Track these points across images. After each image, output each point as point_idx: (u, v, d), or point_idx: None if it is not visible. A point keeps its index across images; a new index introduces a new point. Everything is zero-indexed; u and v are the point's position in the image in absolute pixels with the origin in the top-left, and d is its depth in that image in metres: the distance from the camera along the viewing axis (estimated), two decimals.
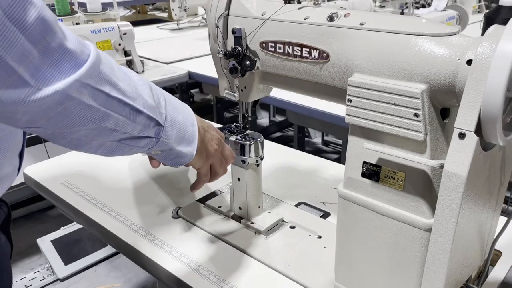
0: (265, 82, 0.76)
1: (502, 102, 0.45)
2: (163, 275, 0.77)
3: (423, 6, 2.83)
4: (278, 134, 3.30)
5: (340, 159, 2.38)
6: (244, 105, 0.83)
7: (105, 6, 2.37)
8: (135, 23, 1.94)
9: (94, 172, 1.10)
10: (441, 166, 0.51)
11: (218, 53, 0.75)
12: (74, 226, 2.01)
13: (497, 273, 0.75)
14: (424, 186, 0.56)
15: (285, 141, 3.21)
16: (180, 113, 0.65)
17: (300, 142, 2.54)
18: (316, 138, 3.23)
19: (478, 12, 3.07)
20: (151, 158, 0.74)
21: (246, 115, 0.84)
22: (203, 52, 2.19)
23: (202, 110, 3.41)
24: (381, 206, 0.60)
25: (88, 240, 2.00)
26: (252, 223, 0.86)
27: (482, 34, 0.52)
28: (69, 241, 1.97)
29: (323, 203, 0.95)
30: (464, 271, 0.62)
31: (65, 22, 2.07)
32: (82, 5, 2.35)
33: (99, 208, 0.95)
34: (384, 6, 2.93)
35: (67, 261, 1.90)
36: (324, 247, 0.80)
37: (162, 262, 0.78)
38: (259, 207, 0.88)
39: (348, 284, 0.68)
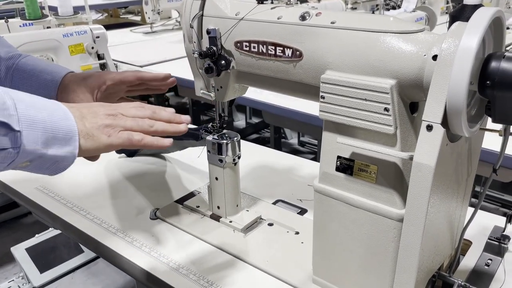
0: (240, 81, 0.77)
1: (466, 95, 0.48)
2: (143, 276, 0.77)
3: (393, 8, 2.90)
4: (254, 136, 3.32)
5: (316, 159, 2.41)
6: (220, 104, 0.84)
7: (77, 10, 2.33)
8: (108, 27, 1.93)
9: (69, 176, 1.09)
10: (411, 158, 0.53)
11: (194, 53, 0.76)
12: (49, 233, 1.97)
13: (468, 261, 0.78)
14: (395, 178, 0.58)
15: (261, 142, 3.22)
16: (42, 110, 0.52)
17: (277, 143, 2.56)
18: (293, 139, 3.26)
19: (446, 13, 3.15)
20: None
21: (222, 114, 0.85)
22: (178, 55, 2.19)
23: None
24: (355, 199, 0.62)
25: (64, 247, 1.97)
26: (230, 221, 0.87)
27: None
28: (44, 248, 1.93)
29: (300, 200, 0.97)
30: (435, 259, 0.65)
31: (36, 26, 2.04)
32: (53, 9, 2.31)
33: (76, 212, 0.94)
34: (355, 8, 2.97)
35: (42, 269, 1.87)
36: (302, 243, 0.82)
37: (141, 263, 0.78)
38: (237, 206, 0.89)
39: (325, 277, 0.70)
